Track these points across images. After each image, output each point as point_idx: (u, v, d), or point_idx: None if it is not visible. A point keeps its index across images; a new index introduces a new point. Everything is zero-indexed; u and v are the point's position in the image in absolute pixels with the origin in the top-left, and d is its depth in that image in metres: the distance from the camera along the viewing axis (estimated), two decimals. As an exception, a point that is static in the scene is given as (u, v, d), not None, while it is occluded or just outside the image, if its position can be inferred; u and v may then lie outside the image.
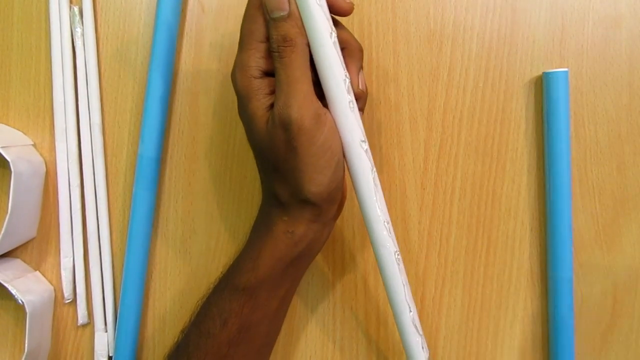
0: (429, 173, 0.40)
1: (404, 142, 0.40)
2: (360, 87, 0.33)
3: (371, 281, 0.41)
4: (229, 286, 0.34)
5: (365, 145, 0.32)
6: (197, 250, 0.41)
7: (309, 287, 0.41)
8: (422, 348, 0.35)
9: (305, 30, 0.31)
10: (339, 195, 0.33)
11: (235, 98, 0.41)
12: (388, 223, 0.33)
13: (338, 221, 0.41)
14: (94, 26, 0.41)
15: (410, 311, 0.34)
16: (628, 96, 0.40)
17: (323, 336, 0.41)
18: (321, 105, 0.31)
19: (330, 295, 0.41)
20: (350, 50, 0.33)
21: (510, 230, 0.40)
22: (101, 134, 0.41)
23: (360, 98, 0.33)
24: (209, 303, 0.35)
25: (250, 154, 0.41)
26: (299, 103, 0.30)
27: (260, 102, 0.31)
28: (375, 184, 0.33)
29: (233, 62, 0.41)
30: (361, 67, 0.34)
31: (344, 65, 0.32)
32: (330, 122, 0.31)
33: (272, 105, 0.31)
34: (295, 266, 0.34)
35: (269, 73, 0.32)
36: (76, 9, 0.40)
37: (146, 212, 0.40)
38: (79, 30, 0.40)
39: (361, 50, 0.34)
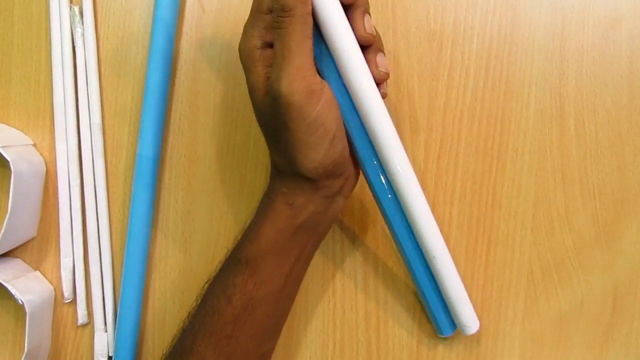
0: (429, 173, 0.40)
1: (404, 142, 0.40)
2: (367, 31, 0.31)
3: (371, 281, 0.41)
4: (232, 259, 0.34)
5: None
6: (197, 250, 0.41)
7: (309, 287, 0.41)
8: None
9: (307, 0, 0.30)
10: (340, 170, 0.32)
11: (235, 97, 0.41)
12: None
13: (339, 221, 0.41)
14: (94, 26, 0.41)
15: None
16: (628, 96, 0.40)
17: (323, 336, 0.41)
18: (317, 80, 0.30)
19: (330, 295, 0.41)
20: None
21: (510, 230, 0.40)
22: (101, 134, 0.41)
23: (371, 45, 0.32)
24: (214, 282, 0.35)
25: (250, 154, 0.41)
26: (291, 77, 0.29)
27: (259, 74, 0.31)
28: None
29: (233, 61, 0.41)
30: (367, 11, 0.32)
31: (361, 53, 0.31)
32: (326, 97, 0.30)
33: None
34: (298, 240, 0.33)
35: (271, 45, 0.31)
36: (76, 9, 0.40)
37: (145, 212, 0.40)
38: (79, 30, 0.40)
39: None
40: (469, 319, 0.37)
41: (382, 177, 0.34)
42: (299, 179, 0.32)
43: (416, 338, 0.40)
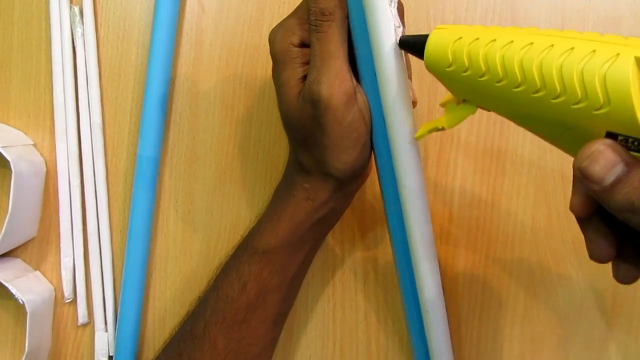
0: (428, 173, 0.40)
1: (404, 142, 0.40)
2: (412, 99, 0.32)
3: (371, 281, 0.41)
4: (248, 249, 0.34)
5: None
6: (197, 250, 0.41)
7: (309, 287, 0.41)
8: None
9: (344, 2, 0.30)
10: (364, 172, 0.33)
11: (235, 97, 0.41)
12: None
13: (338, 222, 0.41)
14: (94, 26, 0.41)
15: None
16: (628, 96, 0.40)
17: (323, 336, 0.41)
18: (353, 84, 0.31)
19: (330, 295, 0.41)
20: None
21: (510, 230, 0.40)
22: (101, 134, 0.41)
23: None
24: (228, 267, 0.35)
25: (250, 154, 0.41)
26: (330, 80, 0.29)
27: (294, 71, 0.31)
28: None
29: (233, 61, 0.41)
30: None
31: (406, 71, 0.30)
32: (361, 102, 0.31)
33: (305, 77, 0.31)
34: (314, 232, 0.34)
35: (307, 45, 0.31)
36: (76, 9, 0.40)
37: (146, 211, 0.40)
38: (79, 30, 0.40)
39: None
40: None
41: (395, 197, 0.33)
42: (326, 177, 0.32)
43: (416, 338, 0.40)
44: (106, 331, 0.41)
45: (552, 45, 0.22)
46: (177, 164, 0.41)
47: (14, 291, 0.38)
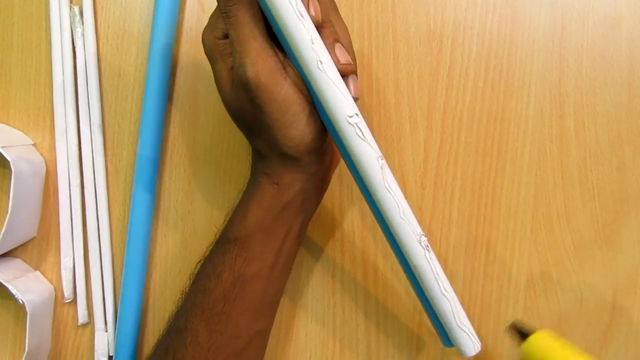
0: (428, 173, 0.40)
1: (404, 142, 0.40)
2: (341, 62, 0.30)
3: (371, 281, 0.41)
4: (221, 239, 0.34)
5: (356, 119, 0.29)
6: (197, 251, 0.41)
7: (309, 287, 0.41)
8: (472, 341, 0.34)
9: None
10: (319, 145, 0.32)
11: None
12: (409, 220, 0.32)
13: (338, 222, 0.41)
14: (94, 26, 0.41)
15: (450, 304, 0.33)
16: (628, 96, 0.40)
17: (323, 336, 0.41)
18: (279, 59, 0.31)
19: (330, 295, 0.41)
20: None
21: (510, 230, 0.40)
22: (101, 134, 0.41)
23: (352, 73, 0.31)
24: (204, 261, 0.35)
25: (250, 154, 0.41)
26: (252, 60, 0.29)
27: (224, 63, 0.32)
28: (383, 173, 0.30)
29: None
30: (337, 40, 0.31)
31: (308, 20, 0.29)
32: (292, 75, 0.31)
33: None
34: (286, 218, 0.34)
35: None
36: (76, 9, 0.40)
37: (145, 212, 0.40)
38: (79, 30, 0.40)
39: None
40: (461, 340, 0.34)
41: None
42: (282, 158, 0.32)
43: (416, 337, 0.40)
44: (106, 331, 0.41)
45: None
46: (177, 164, 0.41)
47: (14, 291, 0.38)
